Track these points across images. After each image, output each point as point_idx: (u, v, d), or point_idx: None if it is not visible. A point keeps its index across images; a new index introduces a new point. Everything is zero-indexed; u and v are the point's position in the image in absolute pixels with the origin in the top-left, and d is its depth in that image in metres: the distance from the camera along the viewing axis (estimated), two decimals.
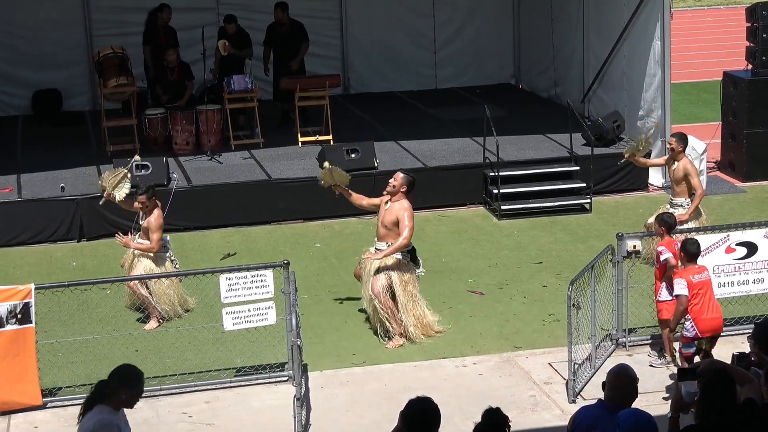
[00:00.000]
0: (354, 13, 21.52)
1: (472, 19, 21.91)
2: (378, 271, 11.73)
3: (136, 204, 12.44)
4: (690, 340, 10.39)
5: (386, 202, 11.86)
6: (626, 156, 14.23)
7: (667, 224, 11.12)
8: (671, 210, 13.39)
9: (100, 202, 13.32)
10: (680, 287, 10.33)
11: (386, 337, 11.83)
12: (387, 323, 11.74)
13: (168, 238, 12.73)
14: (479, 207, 16.44)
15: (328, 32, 21.00)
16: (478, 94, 20.98)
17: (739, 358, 7.49)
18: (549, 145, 17.41)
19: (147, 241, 12.30)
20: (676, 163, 13.52)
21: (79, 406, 7.57)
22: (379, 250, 11.81)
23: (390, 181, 11.88)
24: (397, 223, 11.67)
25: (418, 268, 12.11)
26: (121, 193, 12.62)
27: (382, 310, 11.69)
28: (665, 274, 10.97)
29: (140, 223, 12.45)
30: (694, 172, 13.43)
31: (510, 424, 6.76)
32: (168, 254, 12.49)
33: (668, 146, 13.76)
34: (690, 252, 10.45)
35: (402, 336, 11.79)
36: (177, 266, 12.58)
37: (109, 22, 19.88)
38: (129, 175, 12.97)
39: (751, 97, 17.35)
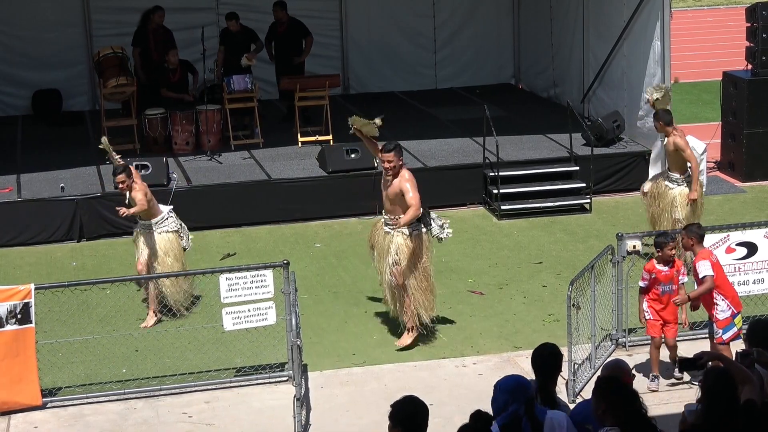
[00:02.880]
0: (354, 13, 21.53)
1: (472, 20, 21.91)
2: (390, 253, 11.58)
3: (119, 186, 12.28)
4: (729, 321, 10.52)
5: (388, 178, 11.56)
6: None
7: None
8: (669, 185, 13.50)
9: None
10: (705, 268, 10.44)
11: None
12: (402, 312, 11.80)
13: (170, 209, 12.73)
14: (479, 207, 16.44)
15: (327, 32, 21.00)
16: (478, 94, 20.98)
17: (742, 355, 7.50)
18: (549, 145, 17.41)
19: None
20: (666, 139, 13.60)
21: (79, 407, 7.54)
22: (388, 224, 11.63)
23: (385, 165, 11.44)
24: (401, 195, 11.37)
25: (435, 231, 11.72)
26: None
27: (399, 294, 11.71)
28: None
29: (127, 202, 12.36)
30: (684, 144, 13.45)
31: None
32: (172, 227, 12.53)
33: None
34: (700, 234, 10.63)
35: (413, 329, 11.75)
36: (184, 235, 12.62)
37: (108, 23, 19.88)
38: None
39: (750, 97, 17.35)
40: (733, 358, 7.71)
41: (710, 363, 7.48)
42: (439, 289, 13.12)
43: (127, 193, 12.24)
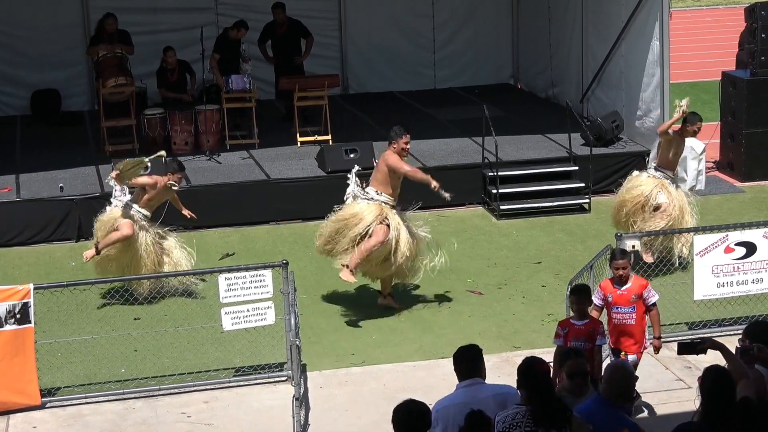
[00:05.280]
0: (353, 13, 21.52)
1: (471, 20, 21.91)
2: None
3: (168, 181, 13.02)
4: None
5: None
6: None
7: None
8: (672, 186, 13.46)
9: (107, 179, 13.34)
10: (655, 292, 10.07)
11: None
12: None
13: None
14: (478, 207, 16.45)
15: (326, 32, 20.99)
16: (477, 94, 20.98)
17: (742, 351, 7.51)
18: (548, 145, 17.42)
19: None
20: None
21: (78, 407, 7.55)
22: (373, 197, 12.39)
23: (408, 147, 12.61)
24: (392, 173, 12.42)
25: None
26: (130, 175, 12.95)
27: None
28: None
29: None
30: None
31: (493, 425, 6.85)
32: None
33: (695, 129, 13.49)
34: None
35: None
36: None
37: None
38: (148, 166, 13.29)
39: (749, 97, 17.36)
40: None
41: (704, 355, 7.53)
42: (438, 289, 13.16)
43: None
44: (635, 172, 13.84)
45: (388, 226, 12.10)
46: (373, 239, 12.01)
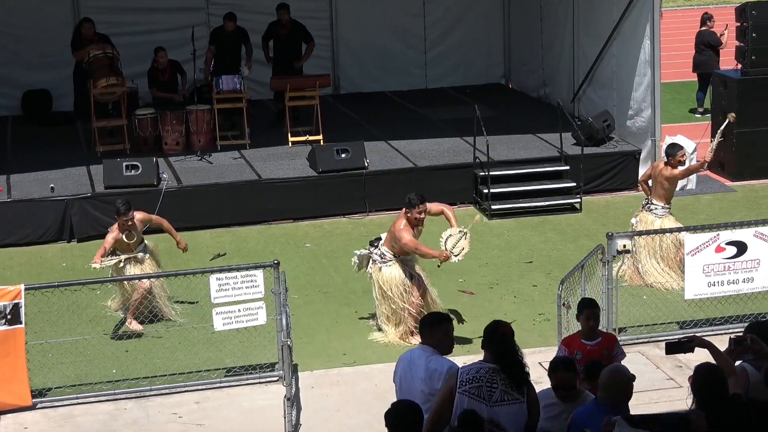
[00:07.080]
0: (344, 13, 21.52)
1: (463, 19, 21.92)
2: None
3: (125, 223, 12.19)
4: None
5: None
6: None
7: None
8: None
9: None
10: None
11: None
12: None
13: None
14: (469, 207, 16.45)
15: (318, 32, 20.92)
16: (468, 94, 20.99)
17: (736, 342, 7.52)
18: (539, 145, 17.43)
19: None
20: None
21: (69, 407, 7.54)
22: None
23: (423, 215, 11.75)
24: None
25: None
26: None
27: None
28: None
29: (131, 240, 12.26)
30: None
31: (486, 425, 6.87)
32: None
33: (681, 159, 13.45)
34: None
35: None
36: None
37: (99, 23, 19.75)
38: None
39: (740, 96, 17.37)
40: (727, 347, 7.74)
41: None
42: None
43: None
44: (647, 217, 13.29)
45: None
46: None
